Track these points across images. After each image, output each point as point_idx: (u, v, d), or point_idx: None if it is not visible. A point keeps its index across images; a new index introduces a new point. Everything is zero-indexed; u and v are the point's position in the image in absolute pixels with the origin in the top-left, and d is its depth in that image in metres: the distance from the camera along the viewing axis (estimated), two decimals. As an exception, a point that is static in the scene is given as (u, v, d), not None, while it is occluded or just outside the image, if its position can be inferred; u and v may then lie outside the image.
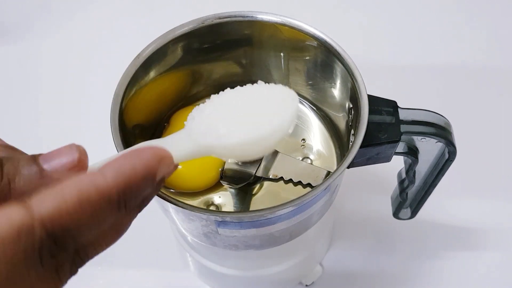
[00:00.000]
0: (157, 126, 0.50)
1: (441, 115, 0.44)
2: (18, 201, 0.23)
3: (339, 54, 0.44)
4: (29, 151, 0.25)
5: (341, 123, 0.49)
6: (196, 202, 0.47)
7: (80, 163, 0.26)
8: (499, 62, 0.77)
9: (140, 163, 0.26)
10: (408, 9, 0.84)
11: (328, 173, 0.48)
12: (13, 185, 0.25)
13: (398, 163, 0.50)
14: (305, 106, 0.52)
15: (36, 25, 0.83)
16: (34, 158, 0.26)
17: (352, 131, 0.44)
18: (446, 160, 0.45)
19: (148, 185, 0.26)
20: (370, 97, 0.42)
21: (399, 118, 0.43)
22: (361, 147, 0.39)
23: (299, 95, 0.52)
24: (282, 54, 0.49)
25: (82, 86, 0.76)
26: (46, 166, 0.26)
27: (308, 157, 0.49)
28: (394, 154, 0.45)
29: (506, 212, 0.64)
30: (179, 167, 0.46)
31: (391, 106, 0.43)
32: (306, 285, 0.60)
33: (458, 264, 0.61)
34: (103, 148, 0.60)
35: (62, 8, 0.85)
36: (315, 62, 0.48)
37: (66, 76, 0.77)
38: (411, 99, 0.48)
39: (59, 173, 0.26)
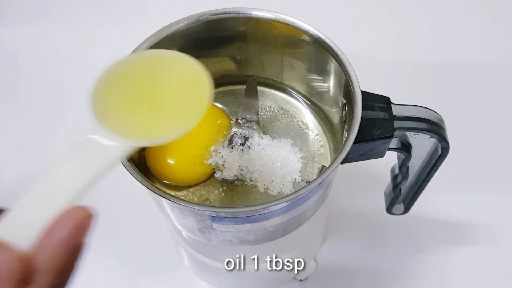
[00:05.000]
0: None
1: (434, 111, 0.44)
2: None
3: (332, 50, 0.44)
4: (27, 148, 0.25)
5: (335, 119, 0.49)
6: (190, 197, 0.47)
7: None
8: (492, 58, 0.78)
9: (66, 249, 0.24)
10: (402, 6, 0.84)
11: (322, 168, 0.48)
12: None
13: (391, 158, 0.50)
14: (299, 101, 0.53)
15: (33, 23, 0.83)
16: None
17: (346, 127, 0.44)
18: (439, 156, 0.45)
19: (76, 258, 0.25)
20: (364, 93, 0.42)
21: (392, 114, 0.43)
22: (354, 142, 0.39)
23: (294, 90, 0.53)
24: (276, 50, 0.50)
25: (77, 83, 0.76)
26: None
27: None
28: (387, 150, 0.45)
29: (498, 207, 0.65)
30: (172, 162, 0.47)
31: (385, 102, 0.43)
32: (300, 280, 0.60)
33: (450, 259, 0.61)
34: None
35: (58, 5, 0.85)
36: (309, 58, 0.48)
37: (63, 73, 0.77)
38: (404, 95, 0.48)
39: None
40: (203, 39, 0.47)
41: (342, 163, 0.40)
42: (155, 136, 0.31)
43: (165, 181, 0.48)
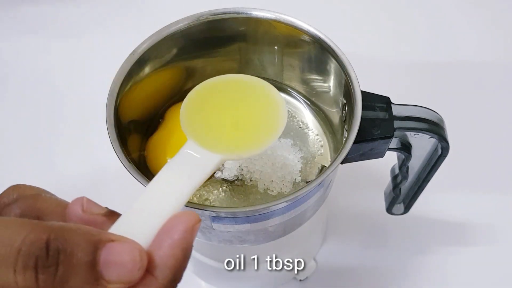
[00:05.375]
0: (151, 122, 0.50)
1: (434, 111, 0.44)
2: None
3: (332, 50, 0.44)
4: (24, 144, 0.25)
5: (335, 118, 0.49)
6: (190, 197, 0.47)
7: (135, 280, 0.26)
8: (492, 58, 0.78)
9: (179, 248, 0.27)
10: (402, 6, 0.84)
11: (322, 168, 0.48)
12: None
13: (391, 158, 0.51)
14: (299, 101, 0.53)
15: (30, 20, 0.83)
16: (94, 257, 0.24)
17: (346, 127, 0.44)
18: (439, 156, 0.45)
19: (188, 258, 0.28)
20: (364, 93, 0.42)
21: (392, 114, 0.43)
22: (354, 142, 0.39)
23: (294, 90, 0.53)
24: (276, 50, 0.50)
25: (78, 82, 0.76)
26: (103, 272, 0.24)
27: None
28: (387, 150, 0.45)
29: (498, 207, 0.65)
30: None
31: (385, 102, 0.43)
32: (300, 280, 0.60)
33: (450, 259, 0.62)
34: (98, 143, 0.60)
35: (56, 3, 0.85)
36: (309, 58, 0.48)
37: (62, 71, 0.77)
38: (404, 95, 0.48)
39: (115, 285, 0.25)
40: (203, 39, 0.47)
41: (342, 163, 0.40)
42: (238, 152, 0.36)
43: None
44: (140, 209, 0.29)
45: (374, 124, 0.42)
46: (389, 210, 0.56)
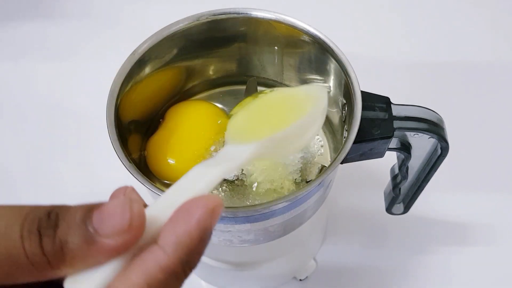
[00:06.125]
0: (152, 122, 0.50)
1: (434, 111, 0.44)
2: None
3: (332, 50, 0.44)
4: (26, 144, 0.25)
5: (335, 119, 0.49)
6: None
7: (130, 230, 0.25)
8: (492, 58, 0.78)
9: (195, 226, 0.26)
10: (401, 6, 0.84)
11: (322, 167, 0.48)
12: (65, 250, 0.24)
13: (391, 158, 0.51)
14: (299, 102, 0.53)
15: (30, 18, 0.83)
16: (88, 216, 0.25)
17: (346, 127, 0.44)
18: (439, 156, 0.45)
19: (205, 243, 0.27)
20: (364, 93, 0.42)
21: (392, 114, 0.43)
22: (354, 142, 0.39)
23: (293, 90, 0.53)
24: (276, 50, 0.50)
25: (78, 82, 0.76)
26: (98, 227, 0.25)
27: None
28: (387, 150, 0.45)
29: (498, 207, 0.65)
30: (172, 161, 0.47)
31: (384, 102, 0.43)
32: (300, 280, 0.60)
33: (450, 259, 0.62)
34: (99, 143, 0.60)
35: (57, 3, 0.85)
36: (309, 58, 0.48)
37: (62, 71, 0.77)
38: (404, 95, 0.48)
39: (111, 239, 0.25)
40: (203, 39, 0.48)
41: (342, 163, 0.40)
42: (264, 135, 0.34)
43: (165, 181, 0.48)
44: (165, 198, 0.29)
45: (374, 124, 0.42)
46: (389, 210, 0.56)
